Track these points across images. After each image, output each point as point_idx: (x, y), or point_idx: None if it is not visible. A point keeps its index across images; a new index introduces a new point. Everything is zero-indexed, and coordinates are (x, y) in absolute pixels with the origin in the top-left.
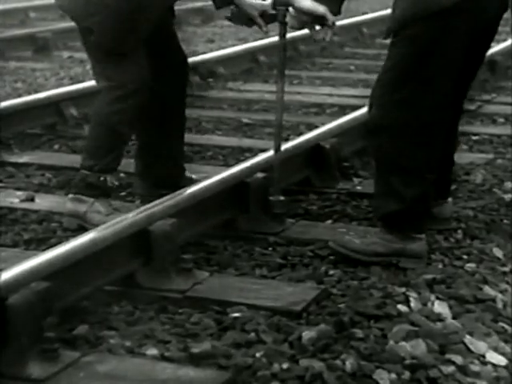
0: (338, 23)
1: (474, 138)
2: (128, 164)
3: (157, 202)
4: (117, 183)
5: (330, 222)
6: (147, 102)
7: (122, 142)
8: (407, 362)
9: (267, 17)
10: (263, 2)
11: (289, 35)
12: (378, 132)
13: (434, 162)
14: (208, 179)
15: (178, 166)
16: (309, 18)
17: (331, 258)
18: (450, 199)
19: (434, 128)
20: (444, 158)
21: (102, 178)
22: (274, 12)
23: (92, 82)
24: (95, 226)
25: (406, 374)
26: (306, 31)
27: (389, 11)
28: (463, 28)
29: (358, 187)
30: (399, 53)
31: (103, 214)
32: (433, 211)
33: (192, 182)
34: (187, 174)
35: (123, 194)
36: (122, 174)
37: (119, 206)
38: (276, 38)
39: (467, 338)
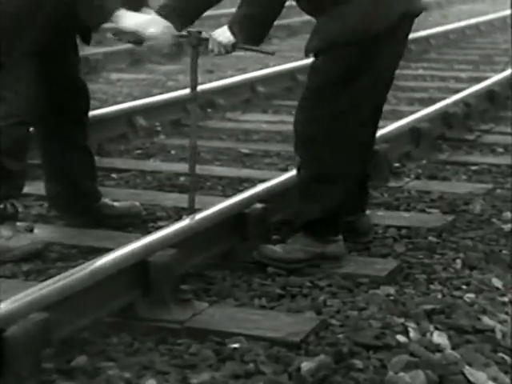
0: None
1: (473, 167)
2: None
3: (156, 232)
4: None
5: None
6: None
7: (8, 172)
8: None
9: None
10: None
11: (288, 65)
12: (306, 145)
13: (356, 174)
14: (207, 210)
15: (85, 192)
16: None
17: (330, 288)
18: (367, 212)
19: (355, 142)
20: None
21: (1, 206)
22: None
23: (94, 113)
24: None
25: None
26: (306, 61)
27: None
28: (383, 57)
29: None
30: (323, 72)
31: (4, 238)
32: (353, 224)
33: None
34: (106, 200)
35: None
36: None
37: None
38: (275, 69)
39: (466, 369)
